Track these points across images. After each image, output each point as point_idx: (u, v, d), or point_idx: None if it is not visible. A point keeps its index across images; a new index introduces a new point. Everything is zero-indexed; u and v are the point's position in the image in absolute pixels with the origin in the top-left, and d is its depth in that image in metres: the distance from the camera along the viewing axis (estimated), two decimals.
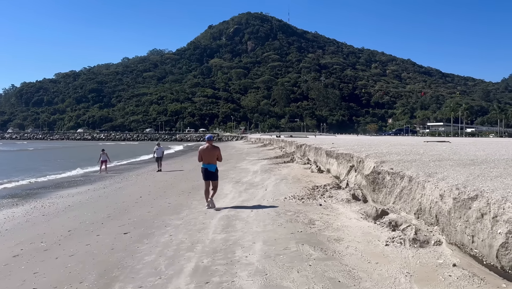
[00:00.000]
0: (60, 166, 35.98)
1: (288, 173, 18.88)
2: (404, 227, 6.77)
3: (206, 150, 11.68)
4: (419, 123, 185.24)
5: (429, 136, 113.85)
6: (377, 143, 21.88)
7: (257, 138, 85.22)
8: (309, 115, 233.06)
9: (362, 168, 10.63)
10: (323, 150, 18.60)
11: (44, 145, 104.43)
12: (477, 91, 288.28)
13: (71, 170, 31.54)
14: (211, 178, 11.63)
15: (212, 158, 11.67)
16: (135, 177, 24.80)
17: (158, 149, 27.91)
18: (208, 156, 11.65)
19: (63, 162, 42.88)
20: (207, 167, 11.61)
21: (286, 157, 29.19)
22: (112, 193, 17.70)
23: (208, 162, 11.63)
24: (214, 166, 11.69)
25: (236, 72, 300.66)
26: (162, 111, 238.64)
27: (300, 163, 22.87)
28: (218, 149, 11.91)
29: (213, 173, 11.65)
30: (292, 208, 10.06)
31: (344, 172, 13.52)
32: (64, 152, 69.08)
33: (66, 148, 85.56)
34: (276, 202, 11.24)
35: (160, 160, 27.69)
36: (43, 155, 61.52)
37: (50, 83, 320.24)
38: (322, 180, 15.26)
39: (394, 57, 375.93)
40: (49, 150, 76.33)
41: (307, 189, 13.04)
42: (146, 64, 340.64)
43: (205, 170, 11.65)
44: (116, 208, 12.98)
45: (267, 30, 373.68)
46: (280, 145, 45.70)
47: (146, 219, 10.52)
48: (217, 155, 11.77)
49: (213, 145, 11.92)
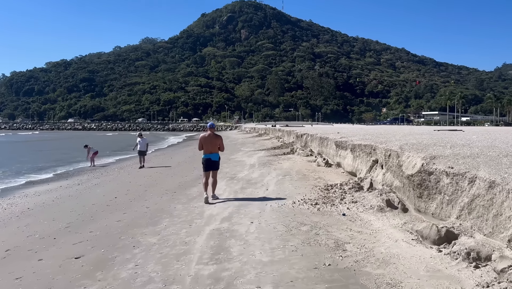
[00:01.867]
0: (42, 159, 33.27)
1: (290, 167, 16.39)
2: (499, 263, 4.25)
3: (207, 138, 10.89)
4: (413, 112, 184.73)
5: (425, 125, 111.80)
6: (386, 133, 19.45)
7: (251, 128, 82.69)
8: (304, 104, 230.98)
9: (397, 164, 8.08)
10: (331, 140, 16.12)
11: (26, 136, 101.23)
12: (470, 80, 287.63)
13: (50, 165, 28.88)
14: (212, 167, 10.76)
15: (214, 147, 10.86)
16: (117, 171, 22.17)
17: (140, 141, 23.26)
18: (209, 144, 10.85)
19: (46, 153, 40.16)
20: (210, 156, 10.76)
21: (285, 148, 26.71)
22: (85, 191, 15.13)
23: (209, 151, 10.80)
24: (217, 155, 10.89)
25: (229, 61, 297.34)
26: (155, 101, 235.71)
27: (302, 155, 20.41)
28: (220, 138, 11.20)
29: (215, 162, 10.82)
30: (306, 219, 7.55)
31: (363, 167, 11.05)
32: (50, 144, 66.16)
33: (49, 140, 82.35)
34: (283, 208, 8.73)
35: (144, 154, 23.02)
36: (22, 147, 58.64)
37: (40, 72, 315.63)
38: (333, 176, 12.81)
39: (388, 46, 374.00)
40: (31, 142, 73.42)
41: (319, 189, 10.56)
42: (138, 53, 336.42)
43: (206, 160, 10.75)
44: (81, 214, 10.43)
45: (261, 18, 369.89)
46: (277, 134, 43.18)
47: (113, 233, 7.98)
48: (219, 144, 10.98)
49: (215, 133, 11.20)
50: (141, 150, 22.98)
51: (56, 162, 29.55)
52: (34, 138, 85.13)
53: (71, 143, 56.68)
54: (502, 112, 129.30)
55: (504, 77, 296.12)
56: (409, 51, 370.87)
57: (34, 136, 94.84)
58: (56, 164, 28.45)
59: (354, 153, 12.11)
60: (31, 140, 73.84)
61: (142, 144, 23.19)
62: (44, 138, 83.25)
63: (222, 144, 11.10)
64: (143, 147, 23.15)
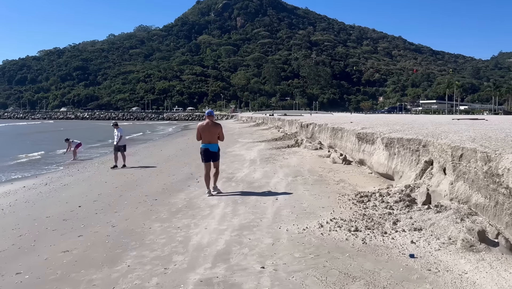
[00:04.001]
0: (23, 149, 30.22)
1: (299, 164, 13.64)
2: None
3: (206, 127, 10.08)
4: (410, 101, 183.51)
5: (423, 114, 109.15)
6: (403, 122, 16.79)
7: (248, 117, 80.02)
8: (300, 93, 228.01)
9: (486, 172, 5.23)
10: (348, 132, 13.38)
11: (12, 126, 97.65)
12: (467, 69, 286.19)
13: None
14: (212, 158, 10.06)
15: (213, 136, 10.07)
16: (97, 166, 19.13)
17: (117, 133, 18.14)
18: (208, 133, 10.05)
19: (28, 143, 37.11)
20: (208, 146, 10.04)
21: (288, 139, 23.96)
22: (49, 195, 12.24)
23: (208, 141, 10.06)
24: (216, 146, 10.13)
25: (225, 50, 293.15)
26: (150, 90, 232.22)
27: (310, 148, 17.65)
28: (219, 126, 10.31)
29: (215, 153, 10.08)
30: (351, 265, 4.67)
31: (407, 170, 8.27)
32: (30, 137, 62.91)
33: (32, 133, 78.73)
34: (307, 236, 5.88)
35: (123, 149, 18.03)
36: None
37: (33, 60, 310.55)
38: (359, 179, 10.10)
39: (385, 34, 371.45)
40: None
41: (349, 200, 7.78)
42: (132, 41, 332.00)
43: (205, 150, 10.06)
44: (22, 236, 7.58)
45: (257, 5, 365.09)
46: (276, 124, 40.38)
47: (46, 280, 5.17)
48: (219, 133, 10.14)
49: (214, 122, 10.33)
50: (120, 144, 17.95)
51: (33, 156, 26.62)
52: (17, 130, 78.48)
53: (57, 135, 53.40)
54: (499, 101, 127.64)
55: (500, 65, 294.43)
56: (405, 40, 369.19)
57: (16, 128, 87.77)
58: (33, 159, 25.53)
59: (390, 149, 9.29)
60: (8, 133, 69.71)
61: (117, 136, 18.10)
62: (27, 131, 76.86)
63: (221, 133, 10.21)
64: (123, 140, 18.21)
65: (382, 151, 9.81)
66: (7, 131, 69.62)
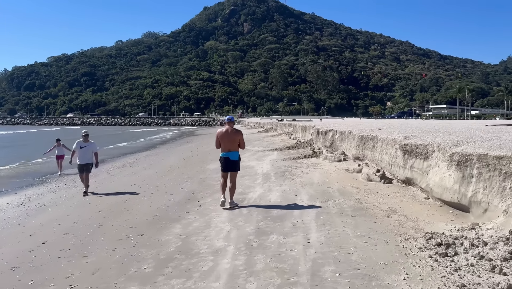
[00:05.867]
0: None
1: (324, 181, 11.26)
2: None
3: (225, 134, 9.47)
4: (418, 106, 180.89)
5: (434, 118, 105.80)
6: (447, 129, 14.28)
7: (256, 123, 77.67)
8: (307, 98, 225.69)
9: None
10: (385, 141, 10.94)
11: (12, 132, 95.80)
12: (476, 73, 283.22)
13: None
14: (231, 168, 9.38)
15: (233, 144, 9.46)
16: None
17: (82, 146, 13.16)
18: (228, 141, 9.43)
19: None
20: (228, 155, 9.39)
21: (303, 148, 21.54)
22: (14, 223, 9.73)
23: (228, 149, 9.43)
24: (236, 154, 9.50)
25: (232, 55, 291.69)
26: (157, 95, 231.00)
27: (332, 160, 15.18)
28: (240, 133, 9.70)
29: (235, 162, 9.42)
30: None
31: (497, 201, 5.80)
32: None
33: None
34: None
35: (87, 169, 12.99)
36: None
37: (42, 67, 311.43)
38: (415, 208, 7.71)
39: (392, 39, 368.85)
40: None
41: (420, 250, 5.33)
42: (140, 47, 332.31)
43: (225, 159, 9.40)
44: None
45: (264, 11, 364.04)
46: (287, 130, 37.89)
47: None
48: (239, 141, 9.55)
49: (235, 128, 9.67)
50: (82, 163, 13.00)
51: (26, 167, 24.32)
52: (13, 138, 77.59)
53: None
54: (510, 106, 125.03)
55: (510, 70, 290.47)
56: (413, 44, 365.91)
57: (16, 137, 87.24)
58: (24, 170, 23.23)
59: (464, 169, 6.76)
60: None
61: (85, 151, 13.17)
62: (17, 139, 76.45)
63: (242, 140, 9.69)
64: (87, 158, 13.11)
65: (446, 170, 7.28)
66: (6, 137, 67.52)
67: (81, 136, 13.43)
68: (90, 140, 13.47)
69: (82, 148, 13.11)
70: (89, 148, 13.24)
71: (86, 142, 13.26)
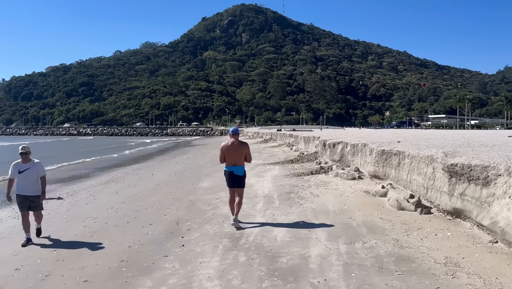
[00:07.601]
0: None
1: (342, 208, 9.81)
2: None
3: (231, 147, 8.90)
4: (417, 115, 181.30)
5: (434, 128, 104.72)
6: (464, 142, 12.71)
7: (255, 133, 76.84)
8: (306, 108, 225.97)
9: None
10: (417, 158, 9.92)
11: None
12: (473, 83, 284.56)
13: None
14: (235, 184, 8.86)
15: (239, 158, 8.89)
16: (57, 206, 13.83)
17: (22, 169, 8.69)
18: (233, 155, 8.88)
19: None
20: (233, 169, 8.85)
21: (307, 161, 20.29)
22: None
23: (233, 163, 8.88)
24: (242, 168, 8.92)
25: (230, 65, 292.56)
26: (155, 105, 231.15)
27: (345, 177, 13.86)
28: (246, 146, 9.06)
29: (240, 178, 8.85)
30: None
31: None
32: None
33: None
34: None
35: (35, 204, 8.83)
36: None
37: (39, 77, 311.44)
38: (485, 260, 5.74)
39: (390, 49, 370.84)
40: None
41: None
42: (138, 57, 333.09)
43: (229, 173, 8.88)
44: None
45: (262, 22, 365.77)
46: (287, 141, 37.13)
47: None
48: (246, 154, 8.96)
49: (240, 141, 9.11)
50: (24, 195, 8.74)
51: None
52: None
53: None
54: (511, 116, 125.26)
55: (507, 80, 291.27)
56: (411, 54, 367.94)
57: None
58: None
59: None
60: None
61: (27, 178, 8.73)
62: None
63: (249, 154, 9.10)
64: (31, 186, 8.77)
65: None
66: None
67: (19, 155, 8.74)
68: (32, 159, 8.93)
69: (21, 172, 8.69)
70: (32, 171, 8.78)
71: (26, 162, 8.78)
